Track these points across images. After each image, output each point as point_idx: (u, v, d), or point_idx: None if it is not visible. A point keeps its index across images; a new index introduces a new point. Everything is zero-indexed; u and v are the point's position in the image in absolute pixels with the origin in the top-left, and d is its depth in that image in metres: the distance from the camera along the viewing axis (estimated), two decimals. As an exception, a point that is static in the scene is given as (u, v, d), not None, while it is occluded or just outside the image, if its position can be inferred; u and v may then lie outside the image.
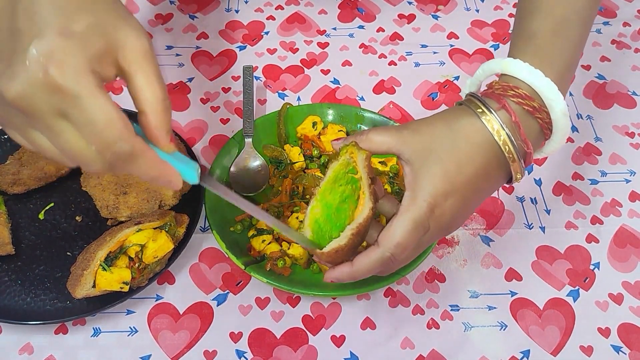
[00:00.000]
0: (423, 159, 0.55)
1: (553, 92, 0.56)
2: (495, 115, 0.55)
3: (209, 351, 0.68)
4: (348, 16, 1.05)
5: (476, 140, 0.55)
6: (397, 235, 0.54)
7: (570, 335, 0.70)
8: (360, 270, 0.56)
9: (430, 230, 0.55)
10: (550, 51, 0.59)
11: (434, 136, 0.56)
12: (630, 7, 1.07)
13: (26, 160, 0.79)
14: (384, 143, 0.57)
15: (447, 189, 0.54)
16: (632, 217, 0.80)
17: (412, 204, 0.54)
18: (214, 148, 0.86)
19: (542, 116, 0.57)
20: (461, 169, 0.55)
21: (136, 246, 0.68)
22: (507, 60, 0.58)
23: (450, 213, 0.55)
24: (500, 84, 0.58)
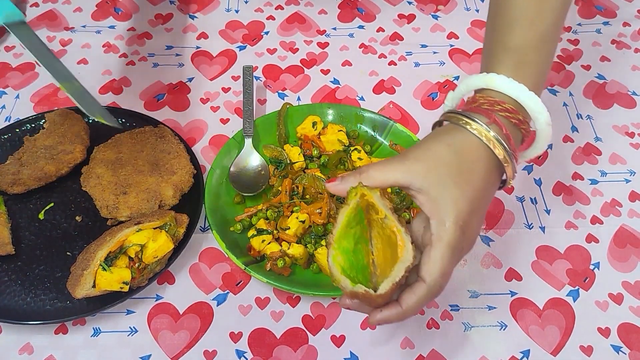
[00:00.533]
0: (437, 185, 0.55)
1: (537, 105, 0.59)
2: (484, 126, 0.57)
3: (209, 351, 0.68)
4: (348, 16, 1.05)
5: (477, 155, 0.57)
6: (441, 267, 0.54)
7: (570, 335, 0.70)
8: (410, 308, 0.55)
9: (463, 249, 0.56)
10: (530, 65, 0.61)
11: (439, 161, 0.56)
12: (630, 7, 1.07)
13: (26, 160, 0.79)
14: (389, 178, 0.57)
15: (470, 208, 0.55)
16: (632, 217, 0.80)
17: (444, 231, 0.54)
18: (214, 148, 0.86)
19: (525, 127, 0.59)
20: (474, 185, 0.56)
21: (136, 246, 0.68)
22: (490, 75, 0.60)
23: (476, 228, 0.57)
24: (485, 99, 0.59)
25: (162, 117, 0.89)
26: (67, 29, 1.02)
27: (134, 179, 0.76)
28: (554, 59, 0.66)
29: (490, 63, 0.62)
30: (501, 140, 0.57)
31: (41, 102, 0.92)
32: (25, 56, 0.98)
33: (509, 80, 0.58)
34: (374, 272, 0.57)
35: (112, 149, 0.80)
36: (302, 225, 0.73)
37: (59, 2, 1.06)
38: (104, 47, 0.99)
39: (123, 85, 0.94)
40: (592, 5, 1.08)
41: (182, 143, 0.81)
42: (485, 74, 0.60)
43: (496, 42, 0.63)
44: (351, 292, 0.54)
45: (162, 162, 0.78)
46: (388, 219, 0.55)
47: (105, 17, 1.04)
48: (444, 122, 0.61)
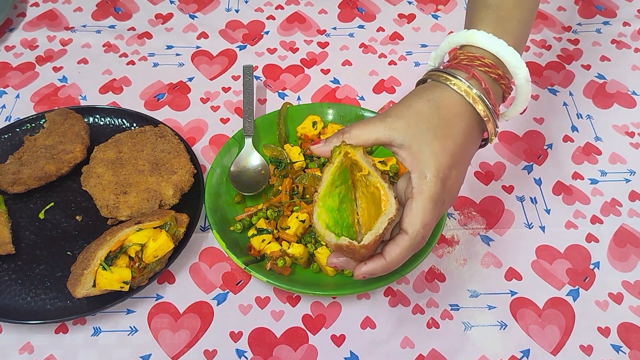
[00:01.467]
0: (418, 139, 0.57)
1: (517, 60, 0.60)
2: (465, 82, 0.58)
3: (209, 350, 0.68)
4: (348, 16, 1.06)
5: (457, 109, 0.58)
6: (422, 218, 0.55)
7: (570, 334, 0.70)
8: (394, 259, 0.56)
9: (445, 202, 0.57)
10: (510, 21, 0.62)
11: (420, 116, 0.58)
12: (630, 6, 1.07)
13: (26, 159, 0.79)
14: (371, 135, 0.58)
15: (450, 161, 0.57)
16: (632, 217, 0.80)
17: (424, 183, 0.56)
18: (214, 147, 0.86)
19: (505, 82, 0.61)
20: (455, 139, 0.58)
21: (136, 245, 0.68)
22: (471, 32, 0.61)
23: (457, 182, 0.59)
24: (466, 55, 0.61)
25: (162, 117, 0.89)
26: (67, 29, 1.02)
27: (134, 179, 0.76)
28: (535, 17, 0.67)
29: (471, 20, 0.64)
30: (482, 96, 0.58)
31: (41, 101, 0.92)
32: (26, 56, 0.98)
33: (489, 36, 0.60)
34: (359, 231, 0.59)
35: (112, 148, 0.80)
36: (302, 225, 0.73)
37: (59, 2, 1.07)
38: (104, 47, 0.99)
39: (123, 85, 0.94)
40: (592, 5, 1.08)
41: (182, 143, 0.81)
42: (466, 30, 0.62)
43: (477, 0, 0.65)
44: (335, 245, 0.56)
45: (162, 162, 0.78)
46: (371, 175, 0.57)
47: (105, 16, 1.05)
48: (427, 80, 0.62)
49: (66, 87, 0.94)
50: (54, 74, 0.96)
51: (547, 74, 0.97)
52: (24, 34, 1.01)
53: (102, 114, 0.87)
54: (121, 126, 0.86)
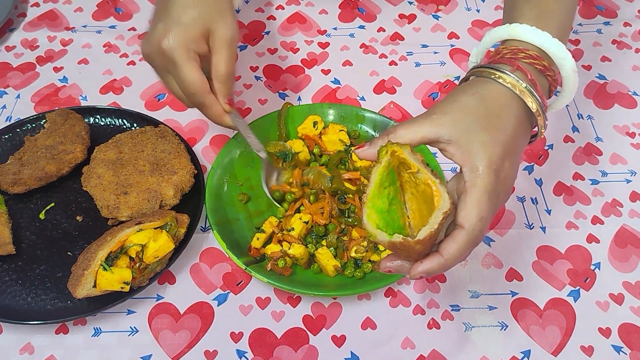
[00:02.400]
0: (466, 133, 0.55)
1: (562, 51, 0.59)
2: (512, 75, 0.57)
3: (210, 351, 0.68)
4: (349, 16, 1.05)
5: (504, 101, 0.57)
6: (478, 211, 0.53)
7: (570, 335, 0.70)
8: (452, 256, 0.53)
9: (500, 195, 0.55)
10: (552, 15, 0.62)
11: (466, 110, 0.56)
12: (631, 7, 1.07)
13: (27, 160, 0.79)
14: (417, 133, 0.56)
15: (502, 151, 0.55)
16: (632, 217, 0.80)
17: (477, 176, 0.54)
18: (214, 148, 0.86)
19: (551, 74, 0.60)
20: (505, 130, 0.56)
21: (137, 246, 0.68)
22: (513, 25, 0.61)
23: (511, 173, 0.57)
24: (509, 49, 0.60)
25: (162, 117, 0.89)
26: (67, 29, 1.02)
27: (134, 179, 0.76)
28: (575, 10, 0.67)
29: (512, 15, 0.64)
30: (529, 88, 0.57)
31: (42, 102, 0.92)
32: (26, 56, 0.98)
33: (532, 29, 0.59)
34: (411, 234, 0.55)
35: (112, 149, 0.80)
36: (306, 226, 0.73)
37: (60, 2, 1.07)
38: (104, 47, 0.99)
39: (124, 85, 0.94)
40: (593, 5, 1.07)
41: (182, 143, 0.81)
42: (508, 24, 0.61)
43: None
44: (389, 243, 0.53)
45: (163, 162, 0.78)
46: (421, 172, 0.54)
47: (106, 17, 1.04)
48: (470, 77, 0.61)
49: (67, 87, 0.94)
50: (55, 74, 0.96)
51: (548, 75, 0.97)
52: (25, 34, 1.01)
53: (103, 115, 0.87)
54: (122, 126, 0.86)
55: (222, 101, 0.71)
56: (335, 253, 0.72)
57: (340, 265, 0.71)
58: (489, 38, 0.64)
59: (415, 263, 0.54)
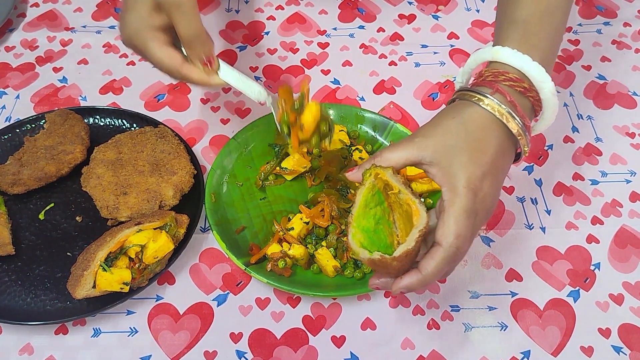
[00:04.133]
0: (447, 154, 0.58)
1: (541, 75, 0.60)
2: (492, 98, 0.59)
3: (209, 352, 0.68)
4: (348, 16, 1.05)
5: (484, 123, 0.59)
6: (455, 229, 0.55)
7: (570, 335, 0.70)
8: (430, 273, 0.55)
9: (478, 214, 0.57)
10: (536, 37, 0.63)
11: (448, 133, 0.59)
12: (631, 7, 1.07)
13: (26, 160, 0.79)
14: (401, 157, 0.59)
15: (480, 171, 0.57)
16: (632, 218, 0.80)
17: (456, 195, 0.56)
18: (214, 148, 0.86)
19: (533, 95, 0.61)
20: (484, 151, 0.58)
21: (136, 246, 0.68)
22: (496, 48, 0.62)
23: (490, 193, 0.58)
24: (490, 72, 0.61)
25: (162, 118, 0.89)
26: (67, 29, 1.02)
27: (134, 180, 0.76)
28: (563, 32, 0.68)
29: (498, 37, 0.65)
30: (510, 111, 0.59)
31: (41, 102, 0.92)
32: (26, 56, 0.98)
33: (514, 52, 0.61)
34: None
35: (112, 149, 0.80)
36: (306, 226, 0.73)
37: (59, 2, 1.06)
38: (104, 47, 0.99)
39: (123, 86, 0.94)
40: (593, 6, 1.07)
41: (182, 143, 0.81)
42: (492, 47, 0.63)
43: (504, 16, 0.66)
44: (369, 260, 0.55)
45: (163, 163, 0.78)
46: (402, 193, 0.57)
47: (105, 17, 1.04)
48: (456, 100, 0.63)
49: (66, 87, 0.94)
50: (54, 74, 0.96)
51: (548, 75, 0.97)
52: (24, 35, 1.01)
53: (102, 115, 0.87)
54: (121, 127, 0.86)
55: (199, 66, 0.69)
56: (335, 254, 0.72)
57: (339, 265, 0.71)
58: (473, 59, 0.65)
59: (396, 280, 0.57)
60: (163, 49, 0.67)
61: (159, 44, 0.67)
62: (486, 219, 0.59)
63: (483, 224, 0.59)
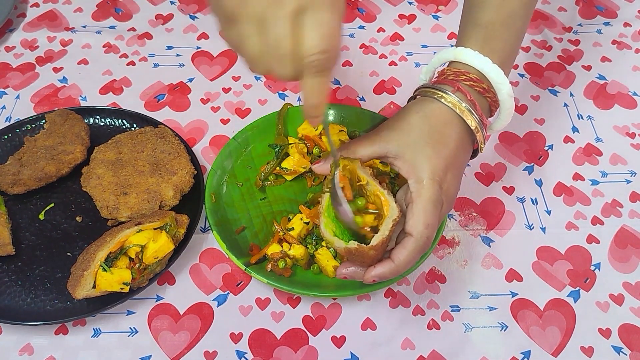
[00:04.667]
0: (411, 147, 0.61)
1: (500, 77, 0.64)
2: (453, 96, 0.62)
3: (209, 352, 0.68)
4: (348, 16, 1.05)
5: (446, 119, 0.62)
6: (424, 219, 0.58)
7: (570, 336, 0.70)
8: (402, 262, 0.58)
9: (444, 204, 0.60)
10: (497, 41, 0.66)
11: (412, 127, 0.62)
12: (631, 7, 1.07)
13: (26, 160, 0.79)
14: (367, 150, 0.62)
15: (444, 164, 0.60)
16: (632, 218, 0.80)
17: (422, 187, 0.59)
18: (214, 148, 0.86)
19: (490, 95, 0.64)
20: (447, 145, 0.61)
21: (136, 247, 0.68)
22: (459, 49, 0.65)
23: (454, 184, 0.62)
24: (452, 71, 0.64)
25: (162, 118, 0.88)
26: (67, 29, 1.02)
27: (134, 180, 0.76)
28: (522, 38, 0.70)
29: (461, 38, 0.68)
30: (469, 108, 0.62)
31: (41, 102, 0.92)
32: (26, 56, 0.98)
33: (475, 54, 0.64)
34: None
35: (112, 149, 0.80)
36: (306, 226, 0.73)
37: (60, 2, 1.06)
38: (104, 48, 0.99)
39: (123, 86, 0.94)
40: (593, 6, 1.07)
41: (182, 143, 0.81)
42: (455, 47, 0.66)
43: (468, 19, 0.68)
44: (345, 249, 0.58)
45: (163, 163, 0.78)
46: (370, 185, 0.60)
47: (105, 17, 1.04)
48: (417, 96, 0.66)
49: (66, 87, 0.94)
50: (54, 74, 0.96)
51: (548, 75, 0.97)
52: (24, 35, 1.01)
53: (103, 115, 0.87)
54: (121, 127, 0.86)
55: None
56: (335, 254, 0.72)
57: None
58: (437, 59, 0.68)
59: (369, 268, 0.60)
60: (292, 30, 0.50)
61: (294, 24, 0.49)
62: (449, 209, 0.63)
63: (446, 214, 0.63)
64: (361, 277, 0.61)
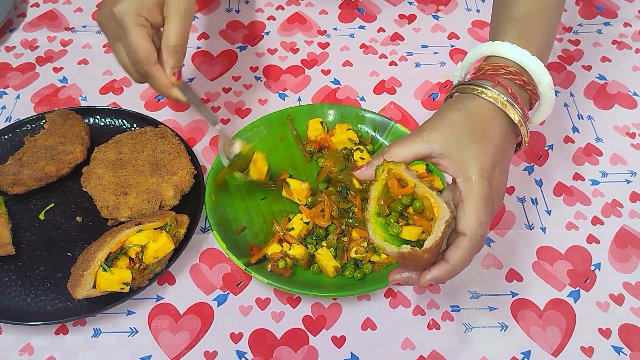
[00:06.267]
0: (456, 146, 0.59)
1: (540, 69, 0.63)
2: (494, 90, 0.61)
3: (210, 352, 0.68)
4: (349, 16, 1.05)
5: (489, 114, 0.61)
6: (477, 217, 0.56)
7: (571, 336, 0.70)
8: (457, 262, 0.56)
9: (495, 200, 0.59)
10: (533, 33, 0.65)
11: (454, 125, 0.60)
12: (631, 7, 1.07)
13: (26, 160, 0.79)
14: (411, 151, 0.60)
15: (491, 160, 0.59)
16: (632, 218, 0.80)
17: (472, 185, 0.57)
18: (214, 148, 0.86)
19: (531, 88, 0.63)
20: (492, 140, 0.60)
21: (136, 247, 0.68)
22: (495, 43, 0.64)
23: (502, 180, 0.60)
24: (490, 65, 0.63)
25: (162, 118, 0.88)
26: (67, 29, 1.02)
27: (134, 180, 0.76)
28: (557, 30, 0.70)
29: (496, 32, 0.67)
30: (511, 101, 0.61)
31: (41, 102, 0.92)
32: (26, 56, 0.98)
33: (513, 47, 0.63)
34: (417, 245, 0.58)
35: (112, 149, 0.80)
36: (307, 226, 0.73)
37: (60, 2, 1.06)
38: (104, 47, 0.99)
39: (123, 86, 0.94)
40: (593, 6, 1.07)
41: (182, 143, 0.81)
42: (491, 42, 0.65)
43: (502, 13, 0.67)
44: (398, 254, 0.56)
45: (163, 163, 0.78)
46: (418, 187, 0.58)
47: (105, 17, 1.04)
48: (455, 94, 0.64)
49: (66, 87, 0.94)
50: (54, 74, 0.96)
51: (548, 75, 0.97)
52: (25, 35, 1.01)
53: (103, 115, 0.87)
54: (121, 127, 0.86)
55: (168, 72, 0.68)
56: (335, 254, 0.72)
57: (340, 266, 0.71)
58: (473, 54, 0.67)
59: (423, 272, 0.57)
60: (145, 40, 0.66)
61: (144, 33, 0.66)
62: (499, 206, 0.61)
63: (497, 210, 0.61)
64: (416, 282, 0.58)
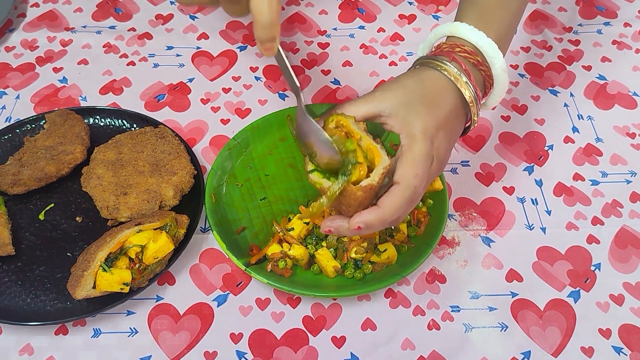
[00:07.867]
0: (405, 107, 0.62)
1: (493, 50, 0.65)
2: (449, 65, 0.64)
3: (209, 352, 0.68)
4: (348, 16, 1.05)
5: (442, 84, 0.64)
6: (413, 169, 0.58)
7: (571, 336, 0.70)
8: (389, 210, 0.58)
9: (434, 161, 0.61)
10: (492, 17, 0.68)
11: (407, 89, 0.63)
12: (631, 7, 1.07)
13: (26, 160, 0.79)
14: (361, 109, 0.63)
15: (436, 122, 0.61)
16: (633, 218, 0.80)
17: (413, 141, 0.60)
18: (214, 148, 0.86)
19: (484, 69, 0.66)
20: (439, 106, 0.62)
21: (136, 247, 0.68)
22: (454, 23, 0.67)
23: (444, 144, 0.62)
24: (447, 44, 0.67)
25: (162, 118, 0.89)
26: (67, 29, 1.02)
27: (134, 180, 0.76)
28: (519, 21, 0.74)
29: (458, 15, 0.70)
30: (464, 78, 0.63)
31: (41, 102, 0.92)
32: (26, 56, 0.98)
33: (471, 28, 0.66)
34: None
35: (112, 149, 0.80)
36: (306, 226, 0.73)
37: (60, 2, 1.06)
38: (104, 48, 0.99)
39: (123, 86, 0.94)
40: (593, 6, 1.07)
41: (182, 143, 0.81)
42: (451, 23, 0.68)
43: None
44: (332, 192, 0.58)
45: (163, 163, 0.78)
46: (363, 139, 0.60)
47: (105, 17, 1.04)
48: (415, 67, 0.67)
49: (66, 87, 0.94)
50: (54, 74, 0.96)
51: (548, 75, 0.97)
52: (24, 35, 1.01)
53: (103, 115, 0.87)
54: (121, 127, 0.86)
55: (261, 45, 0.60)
56: (335, 254, 0.72)
57: (340, 266, 0.71)
58: (434, 34, 0.69)
59: (355, 215, 0.59)
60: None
61: None
62: (439, 171, 0.63)
63: (436, 174, 0.63)
64: (346, 230, 0.60)
